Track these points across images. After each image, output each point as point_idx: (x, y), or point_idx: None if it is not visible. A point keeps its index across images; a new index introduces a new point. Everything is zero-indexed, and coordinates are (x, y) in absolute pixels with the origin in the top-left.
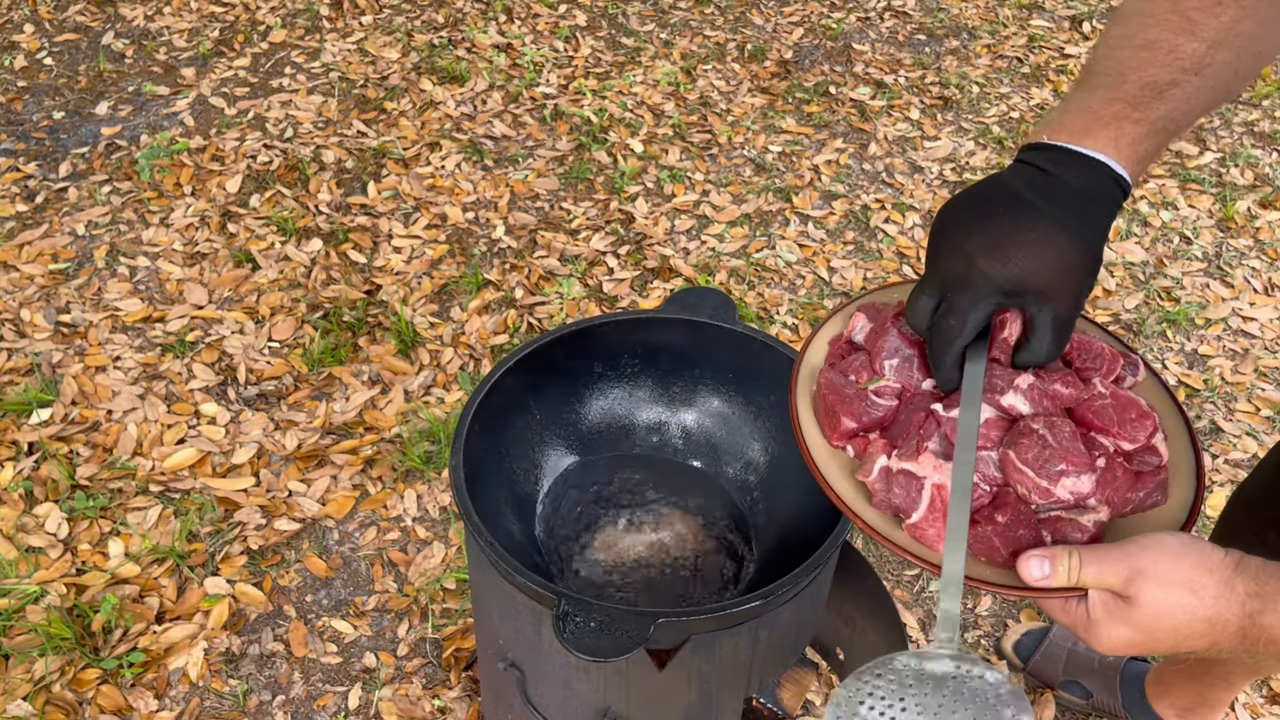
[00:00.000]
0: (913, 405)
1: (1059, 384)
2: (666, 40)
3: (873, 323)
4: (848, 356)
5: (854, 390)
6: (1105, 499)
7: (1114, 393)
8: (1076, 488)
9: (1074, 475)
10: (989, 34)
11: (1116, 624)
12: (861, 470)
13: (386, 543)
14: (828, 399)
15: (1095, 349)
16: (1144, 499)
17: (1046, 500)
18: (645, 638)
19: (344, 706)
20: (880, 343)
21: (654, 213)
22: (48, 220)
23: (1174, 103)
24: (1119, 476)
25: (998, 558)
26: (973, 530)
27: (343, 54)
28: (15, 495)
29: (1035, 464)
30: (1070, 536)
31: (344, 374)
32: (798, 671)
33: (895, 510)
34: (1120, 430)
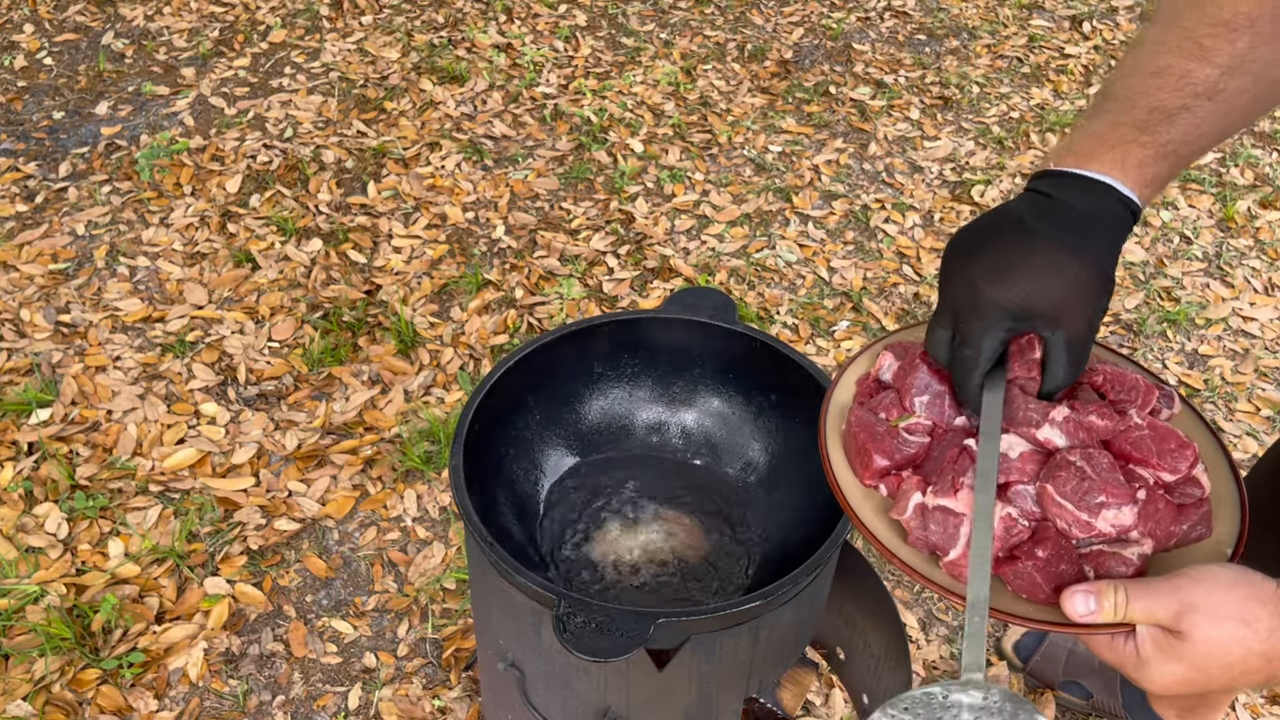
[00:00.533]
0: (945, 442)
1: (1094, 416)
2: (666, 40)
3: (900, 361)
4: (876, 395)
5: (885, 428)
6: (1148, 531)
7: (1151, 423)
8: (1118, 520)
9: (1115, 507)
10: (989, 34)
11: (1168, 661)
12: (896, 508)
13: (386, 543)
14: (859, 437)
15: (1129, 381)
16: (1188, 532)
17: (1088, 534)
18: (645, 638)
19: (344, 707)
20: (909, 380)
21: (654, 213)
22: (47, 220)
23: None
24: (1161, 509)
25: (1040, 594)
26: (1012, 566)
27: (343, 54)
28: (15, 495)
29: (1074, 496)
30: (1114, 570)
31: (344, 374)
32: (798, 671)
33: (932, 548)
34: (1160, 461)
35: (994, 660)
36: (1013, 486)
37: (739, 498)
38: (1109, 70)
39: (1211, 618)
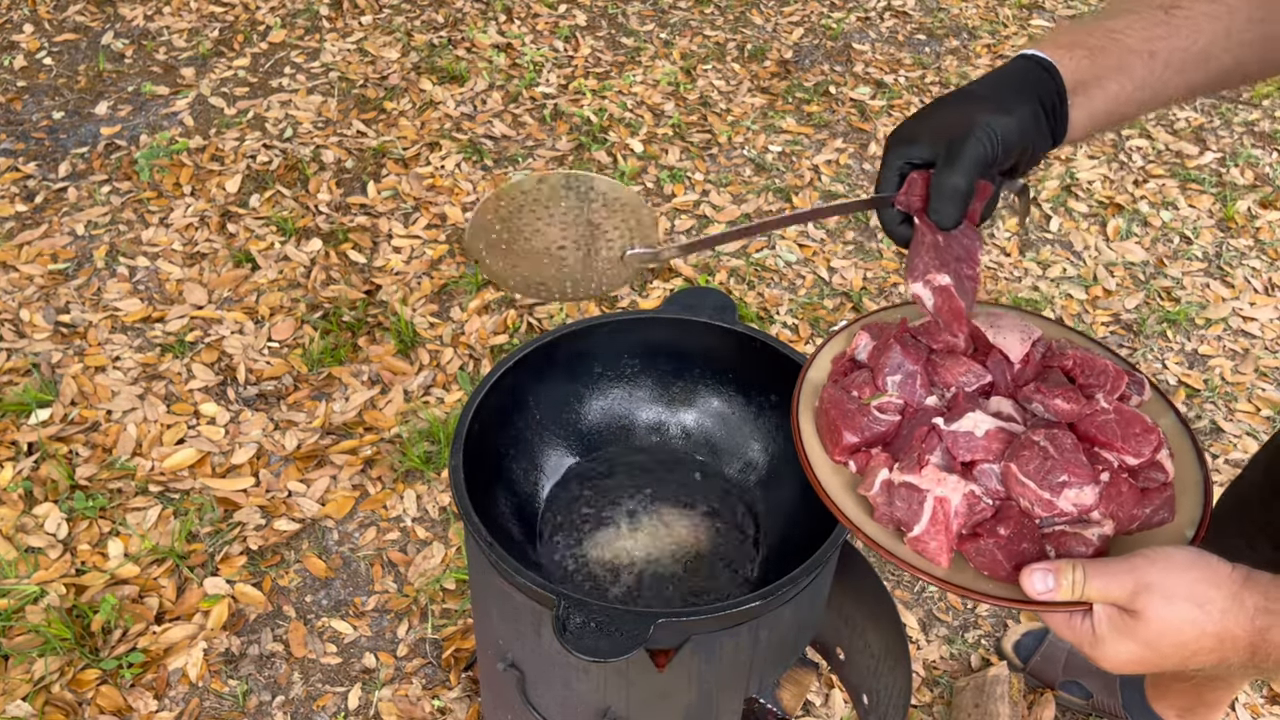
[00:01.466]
0: (915, 421)
1: (1060, 399)
2: (666, 40)
3: (875, 341)
4: (850, 374)
5: (856, 405)
6: (1110, 513)
7: (1117, 408)
8: (1080, 500)
9: (1077, 486)
10: (989, 34)
11: (1122, 640)
12: (863, 485)
13: (386, 543)
14: (830, 414)
15: (1099, 365)
16: (1150, 516)
17: (1050, 513)
18: (645, 638)
19: (344, 707)
20: (883, 359)
21: (653, 213)
22: (47, 220)
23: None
24: (1124, 491)
25: (1001, 571)
26: (974, 543)
27: (342, 54)
28: (15, 495)
29: (1037, 475)
30: (1074, 550)
31: (344, 374)
32: (798, 671)
33: (897, 524)
34: (1124, 445)
35: (994, 660)
36: (978, 465)
37: (739, 498)
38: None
39: (1165, 598)
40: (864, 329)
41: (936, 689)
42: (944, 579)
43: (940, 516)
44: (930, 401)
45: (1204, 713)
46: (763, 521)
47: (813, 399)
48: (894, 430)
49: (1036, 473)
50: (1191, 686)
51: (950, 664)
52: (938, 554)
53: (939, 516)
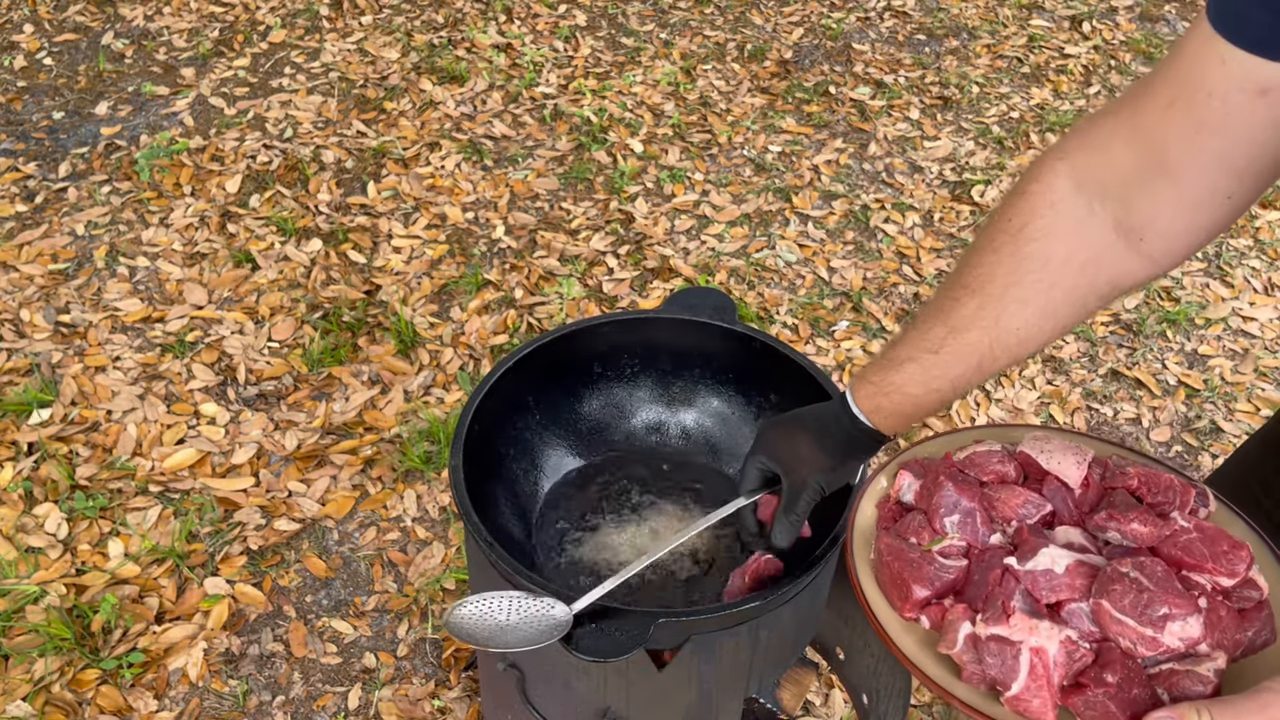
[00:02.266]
0: (984, 563)
1: (1136, 523)
2: (666, 40)
3: (920, 480)
4: (902, 518)
5: (919, 554)
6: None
7: (1199, 525)
8: (1185, 633)
9: (1180, 619)
10: (989, 34)
11: None
12: (944, 642)
13: (386, 543)
14: (893, 567)
15: (1164, 481)
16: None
17: (1154, 651)
18: (645, 638)
19: (344, 707)
20: (936, 499)
21: (654, 213)
22: (47, 220)
23: (908, 374)
24: (1224, 616)
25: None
26: (1082, 695)
27: (342, 54)
28: (15, 495)
29: (1134, 611)
30: (1190, 690)
31: (344, 374)
32: (798, 671)
33: (991, 683)
34: (1215, 565)
35: None
36: (1065, 605)
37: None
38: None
39: None
40: (903, 467)
41: None
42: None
43: (1040, 670)
44: (994, 539)
45: None
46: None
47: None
48: (964, 576)
49: (1133, 608)
50: None
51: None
52: (1042, 712)
53: (1038, 670)
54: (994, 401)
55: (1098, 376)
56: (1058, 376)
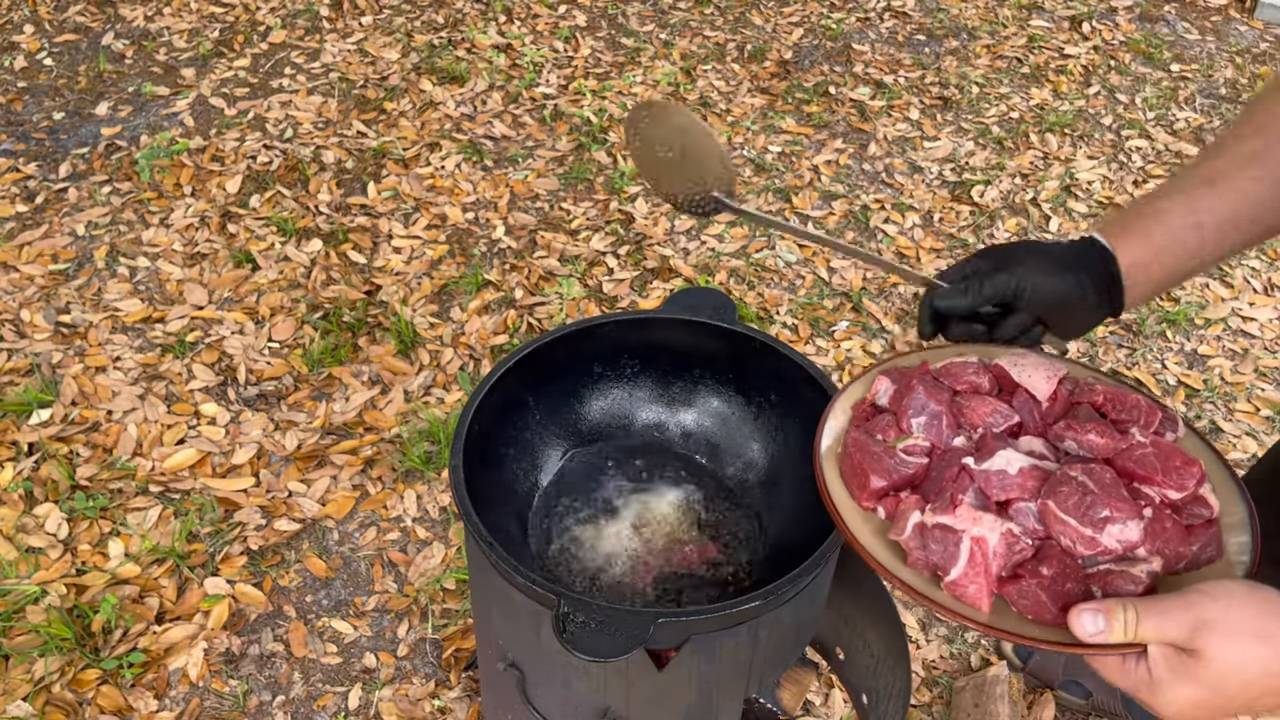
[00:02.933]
0: (944, 463)
1: (1093, 434)
2: (666, 40)
3: (896, 385)
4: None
5: (882, 449)
6: (1156, 549)
7: (1155, 441)
8: (1124, 535)
9: (1120, 522)
10: (989, 34)
11: (1182, 683)
12: (894, 529)
13: (386, 543)
14: (855, 458)
15: (1130, 400)
16: (1198, 553)
17: (1093, 550)
18: (645, 638)
19: (344, 707)
20: (906, 401)
21: (654, 213)
22: (48, 221)
23: (1174, 202)
24: (1169, 528)
25: (1046, 614)
26: (1016, 585)
27: (342, 54)
28: (15, 495)
29: (1077, 511)
30: (1122, 589)
31: (344, 374)
32: (798, 671)
33: (933, 568)
34: (1165, 479)
35: (994, 660)
36: (1014, 504)
37: (739, 498)
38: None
39: (1227, 635)
40: (883, 374)
41: (936, 689)
42: (987, 624)
43: (978, 558)
44: (958, 442)
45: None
46: (763, 521)
47: (835, 447)
48: (922, 473)
49: (1076, 509)
50: None
51: (950, 664)
52: (978, 598)
53: (977, 558)
54: None
55: None
56: None
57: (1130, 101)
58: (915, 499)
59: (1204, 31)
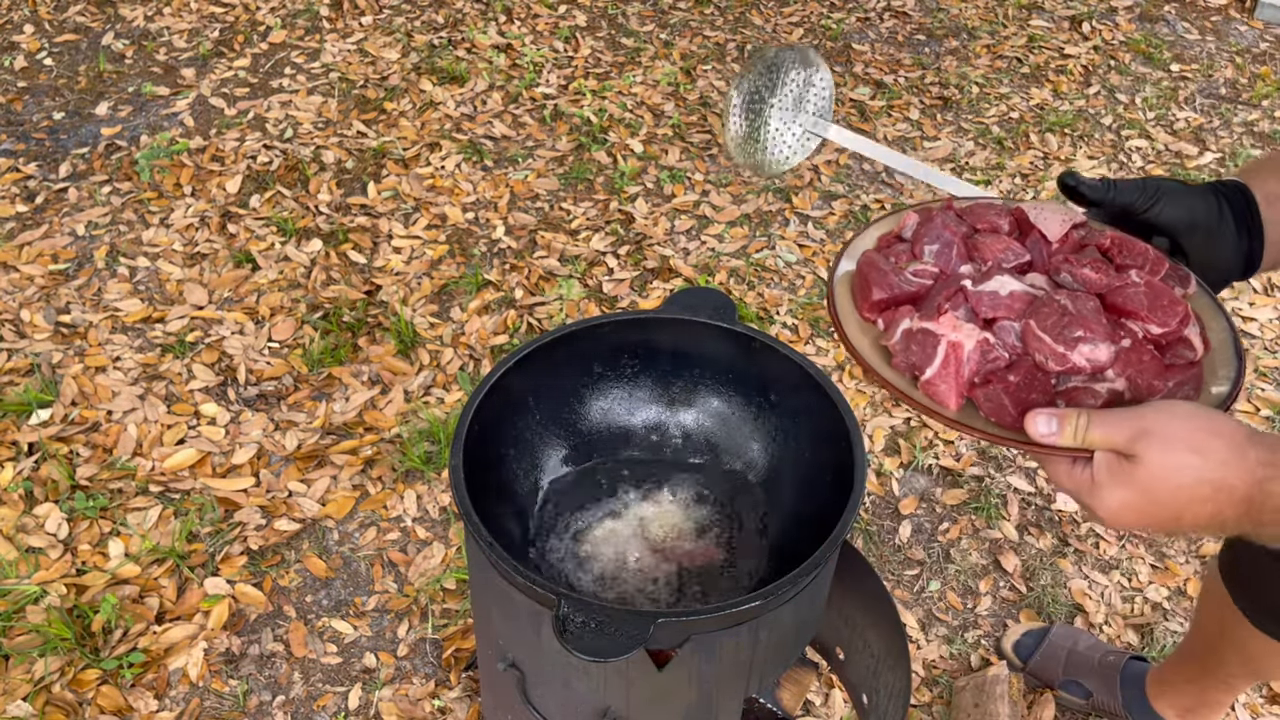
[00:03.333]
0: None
1: (1088, 269)
2: (666, 40)
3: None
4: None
5: (891, 268)
6: (1126, 375)
7: (1148, 281)
8: (1094, 355)
9: (1091, 343)
10: (989, 34)
11: (1119, 486)
12: (884, 335)
13: (386, 543)
14: (864, 272)
15: (1139, 248)
16: (1173, 390)
17: (1063, 367)
18: (645, 638)
19: (344, 707)
20: (923, 230)
21: (654, 213)
22: (48, 221)
23: None
24: (1145, 360)
25: (1007, 418)
26: (984, 390)
27: (343, 54)
28: (15, 495)
29: (1053, 330)
30: (1083, 402)
31: (344, 374)
32: (798, 671)
33: (912, 369)
34: (1150, 315)
35: (994, 660)
36: (999, 321)
37: (739, 498)
38: None
39: (1165, 443)
40: (913, 211)
41: (936, 689)
42: (954, 419)
43: (952, 360)
44: (965, 270)
45: (1205, 712)
46: (762, 521)
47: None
48: (924, 292)
49: (1053, 328)
50: (1193, 686)
51: (950, 664)
52: (947, 396)
53: (950, 360)
54: None
55: None
56: None
57: (1130, 101)
58: (909, 309)
59: (1204, 31)
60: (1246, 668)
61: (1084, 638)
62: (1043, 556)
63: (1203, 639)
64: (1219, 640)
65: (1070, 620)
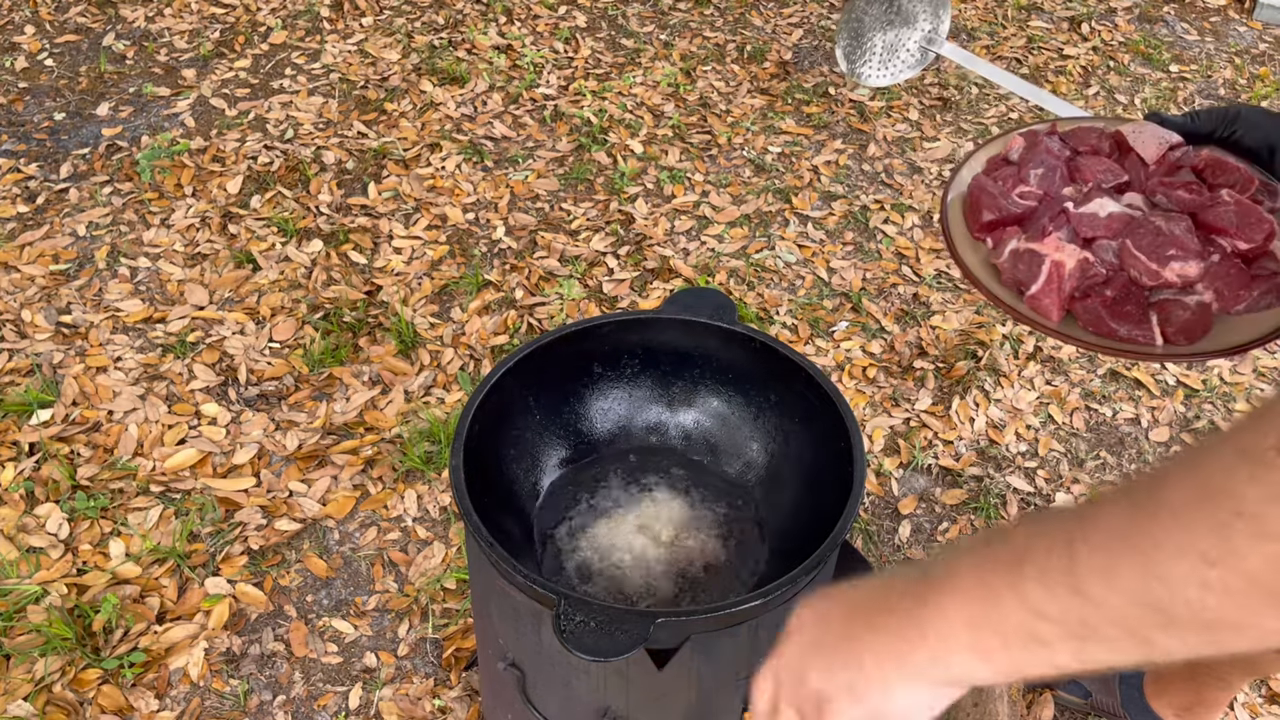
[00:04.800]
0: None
1: (1182, 190)
2: (666, 41)
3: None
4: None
5: (998, 191)
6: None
7: (1238, 200)
8: (1184, 271)
9: (1182, 260)
10: (988, 35)
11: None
12: (993, 253)
13: (387, 543)
14: (974, 195)
15: (1231, 168)
16: (1258, 299)
17: (1155, 282)
18: (645, 638)
19: (344, 706)
20: (1029, 154)
21: (654, 213)
22: (49, 221)
23: None
24: (1232, 273)
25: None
26: (1083, 303)
27: (343, 55)
28: (16, 495)
29: (1148, 249)
30: (1174, 314)
31: (344, 374)
32: None
33: (1018, 285)
34: (1238, 231)
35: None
36: (1097, 240)
37: (739, 498)
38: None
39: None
40: (1020, 134)
41: None
42: (1055, 329)
43: (1055, 277)
44: (1067, 192)
45: (1202, 712)
46: (762, 521)
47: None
48: (1030, 214)
49: (1148, 247)
50: (1190, 685)
51: None
52: (1050, 310)
53: (1053, 277)
54: (993, 401)
55: (1096, 377)
56: (1057, 376)
57: (1129, 102)
58: (1016, 230)
59: (1203, 32)
60: (1241, 662)
61: None
62: None
63: None
64: None
65: None
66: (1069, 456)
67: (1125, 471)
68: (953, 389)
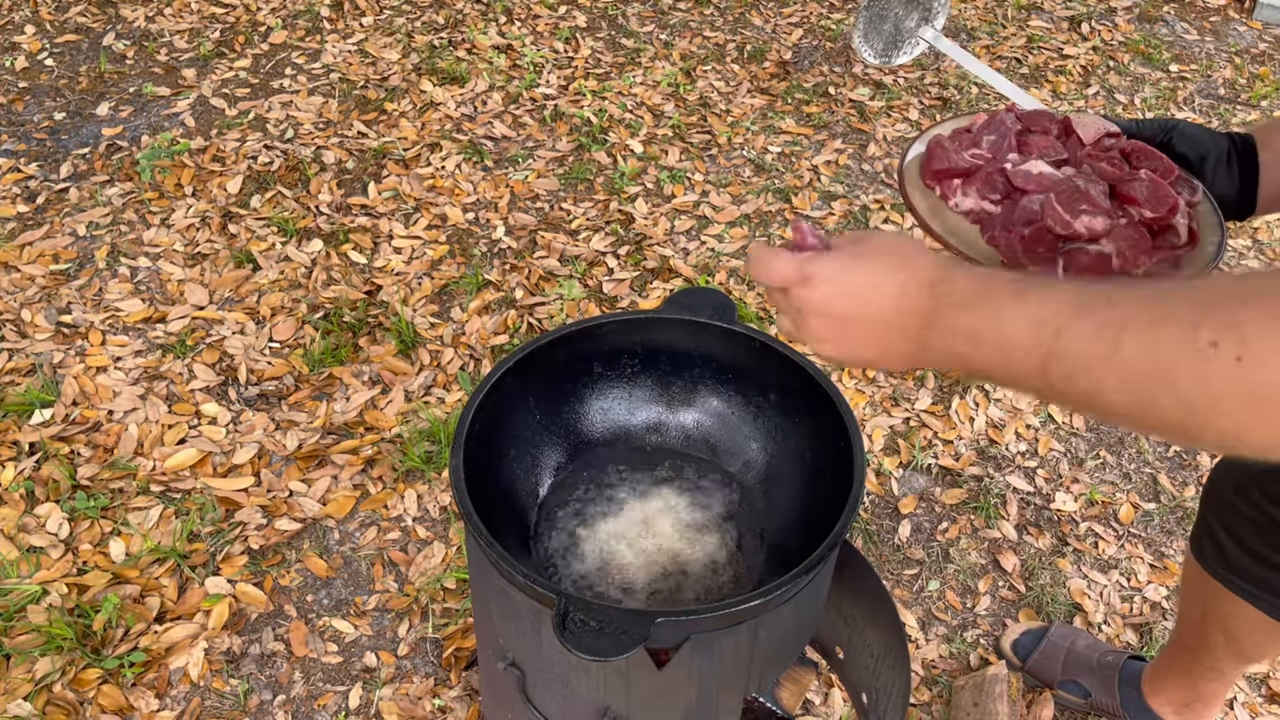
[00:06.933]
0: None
1: (1105, 164)
2: (666, 41)
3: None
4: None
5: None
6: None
7: (1151, 178)
8: (1091, 225)
9: (1091, 215)
10: (988, 34)
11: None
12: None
13: (387, 543)
14: (931, 150)
15: (1156, 156)
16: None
17: (1066, 232)
18: (645, 637)
19: (344, 706)
20: (985, 125)
21: (654, 213)
22: (49, 221)
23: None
24: (1135, 237)
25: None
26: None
27: (343, 55)
28: (16, 495)
29: (1065, 203)
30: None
31: (344, 374)
32: (798, 671)
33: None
34: (1145, 202)
35: (993, 659)
36: (1029, 194)
37: (738, 498)
38: None
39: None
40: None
41: (935, 688)
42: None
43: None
44: (1012, 157)
45: (1200, 708)
46: (762, 521)
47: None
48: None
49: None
50: (1186, 680)
51: (949, 663)
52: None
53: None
54: (993, 401)
55: None
56: None
57: (1129, 102)
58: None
59: (1203, 32)
60: (1232, 649)
61: (1083, 637)
62: (1041, 556)
63: (1189, 625)
64: (1203, 622)
65: (1069, 620)
66: (1069, 456)
67: (1125, 471)
68: (952, 388)
